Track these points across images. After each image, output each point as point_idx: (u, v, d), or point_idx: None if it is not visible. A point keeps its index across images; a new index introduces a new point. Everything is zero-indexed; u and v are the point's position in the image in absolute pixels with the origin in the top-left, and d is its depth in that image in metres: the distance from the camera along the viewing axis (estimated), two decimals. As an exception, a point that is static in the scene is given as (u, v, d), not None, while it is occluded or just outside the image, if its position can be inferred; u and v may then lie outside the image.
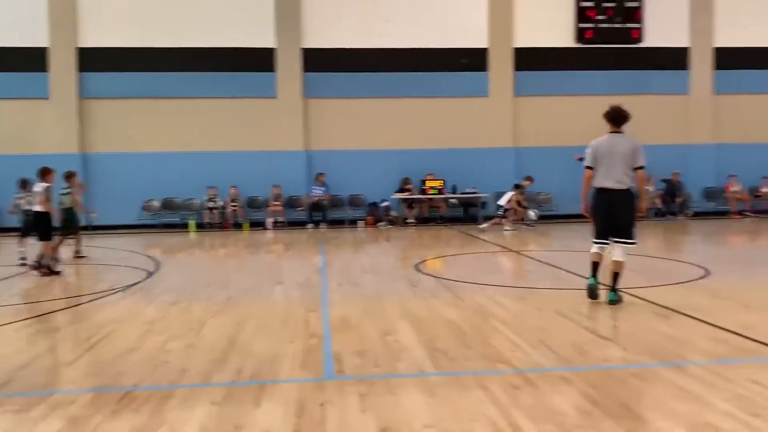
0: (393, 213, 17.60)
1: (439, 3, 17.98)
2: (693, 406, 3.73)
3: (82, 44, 17.15)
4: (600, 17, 18.09)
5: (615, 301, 6.51)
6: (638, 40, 18.20)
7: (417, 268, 9.55)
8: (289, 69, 17.72)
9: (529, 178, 16.48)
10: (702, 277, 8.17)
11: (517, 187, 15.79)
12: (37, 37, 16.95)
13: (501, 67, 18.16)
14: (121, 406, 3.86)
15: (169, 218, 17.56)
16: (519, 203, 15.59)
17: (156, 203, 17.56)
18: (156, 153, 17.44)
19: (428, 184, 17.54)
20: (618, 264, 6.53)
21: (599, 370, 4.47)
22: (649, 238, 13.72)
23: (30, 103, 17.08)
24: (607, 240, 6.64)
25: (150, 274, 9.41)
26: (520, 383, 4.15)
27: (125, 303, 7.32)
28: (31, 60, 16.94)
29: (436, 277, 8.81)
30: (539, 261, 10.40)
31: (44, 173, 9.68)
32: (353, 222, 17.58)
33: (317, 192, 17.40)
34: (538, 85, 18.19)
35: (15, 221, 12.30)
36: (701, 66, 18.54)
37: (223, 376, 4.45)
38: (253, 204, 17.84)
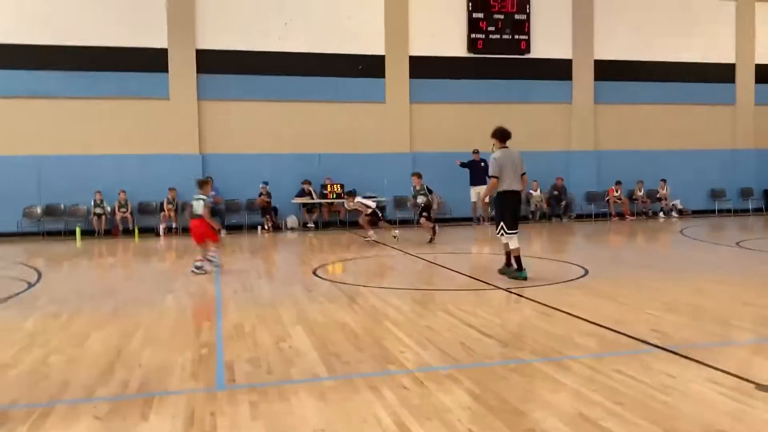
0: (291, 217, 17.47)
1: (338, 9, 18.13)
2: (566, 398, 4.03)
3: None
4: (490, 28, 18.90)
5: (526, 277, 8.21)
6: (526, 51, 19.15)
7: (315, 272, 9.59)
8: (182, 70, 17.25)
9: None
10: (581, 276, 8.74)
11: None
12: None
13: (397, 74, 18.54)
14: (-6, 427, 3.67)
15: (52, 225, 16.62)
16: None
17: (38, 209, 16.56)
18: (37, 156, 16.47)
19: (329, 188, 17.61)
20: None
21: (482, 367, 4.71)
22: (535, 239, 14.48)
23: None
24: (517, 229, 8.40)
25: (30, 285, 8.88)
26: (408, 383, 4.31)
27: (2, 316, 6.88)
28: None
29: (333, 281, 8.89)
30: (432, 263, 10.73)
31: None
32: (252, 227, 17.34)
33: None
34: (432, 92, 18.72)
35: None
36: (583, 77, 19.78)
37: (108, 390, 4.31)
38: (144, 210, 17.18)
